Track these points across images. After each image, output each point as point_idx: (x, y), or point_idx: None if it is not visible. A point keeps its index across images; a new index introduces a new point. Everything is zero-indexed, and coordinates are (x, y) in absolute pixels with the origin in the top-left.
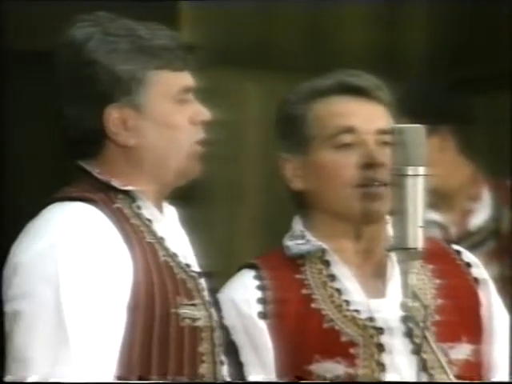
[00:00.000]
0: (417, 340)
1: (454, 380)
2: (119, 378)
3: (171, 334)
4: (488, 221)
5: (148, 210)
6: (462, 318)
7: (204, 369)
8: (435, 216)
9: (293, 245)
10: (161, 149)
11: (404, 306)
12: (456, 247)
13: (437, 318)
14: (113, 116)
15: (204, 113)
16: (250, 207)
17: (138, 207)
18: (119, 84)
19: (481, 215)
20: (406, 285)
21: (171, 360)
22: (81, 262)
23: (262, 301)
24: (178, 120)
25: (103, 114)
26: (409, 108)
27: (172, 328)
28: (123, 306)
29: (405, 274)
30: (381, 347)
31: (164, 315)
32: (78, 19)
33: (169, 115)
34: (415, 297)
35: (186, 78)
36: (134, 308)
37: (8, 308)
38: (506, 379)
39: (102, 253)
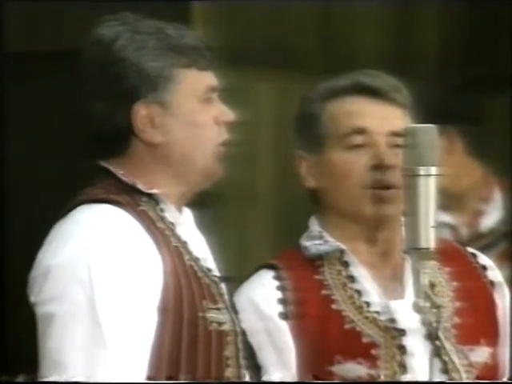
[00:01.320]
0: (436, 341)
1: (466, 379)
2: (149, 379)
3: (199, 338)
4: (499, 222)
5: (171, 214)
6: (480, 321)
7: (229, 373)
8: (446, 217)
9: (311, 245)
10: (186, 147)
11: (416, 306)
12: (471, 250)
13: (456, 320)
14: (141, 113)
15: (228, 113)
16: (263, 207)
17: (162, 210)
18: (147, 81)
19: (492, 216)
20: (418, 285)
21: (200, 363)
22: (113, 264)
23: (282, 301)
24: (204, 119)
25: (131, 111)
26: (416, 108)
27: (200, 332)
28: (154, 308)
29: (417, 274)
30: (402, 349)
31: (192, 319)
32: (104, 19)
33: (195, 113)
34: (427, 297)
35: (211, 78)
36: (163, 310)
37: (40, 311)
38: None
39: (133, 255)
